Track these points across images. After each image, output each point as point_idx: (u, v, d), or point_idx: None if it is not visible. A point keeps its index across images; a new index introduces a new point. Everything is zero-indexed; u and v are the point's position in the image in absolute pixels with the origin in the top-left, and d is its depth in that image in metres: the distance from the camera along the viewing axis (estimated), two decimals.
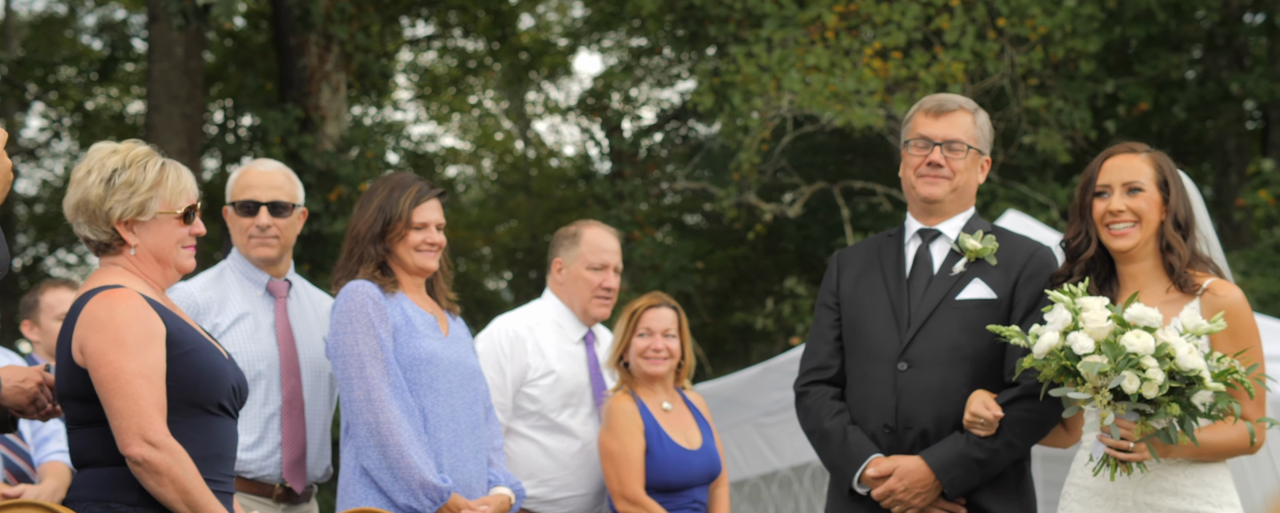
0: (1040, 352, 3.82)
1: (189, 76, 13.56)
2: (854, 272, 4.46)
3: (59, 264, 20.41)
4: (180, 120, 13.47)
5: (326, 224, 13.34)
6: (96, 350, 3.49)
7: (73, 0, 20.26)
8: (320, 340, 4.85)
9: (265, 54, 16.16)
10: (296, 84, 13.72)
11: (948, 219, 4.41)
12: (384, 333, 4.51)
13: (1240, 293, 4.06)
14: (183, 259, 3.69)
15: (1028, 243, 4.40)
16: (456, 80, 19.77)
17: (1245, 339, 3.97)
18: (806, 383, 4.44)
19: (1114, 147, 4.23)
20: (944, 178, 4.36)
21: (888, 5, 12.59)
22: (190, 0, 9.60)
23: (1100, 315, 3.77)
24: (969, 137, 4.37)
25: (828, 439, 4.33)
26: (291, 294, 4.87)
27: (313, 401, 4.78)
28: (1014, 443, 4.21)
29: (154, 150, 3.72)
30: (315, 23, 13.48)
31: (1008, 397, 4.21)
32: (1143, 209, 4.08)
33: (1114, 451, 3.86)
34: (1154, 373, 3.69)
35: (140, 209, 3.64)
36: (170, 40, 13.36)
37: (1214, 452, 3.95)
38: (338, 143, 13.72)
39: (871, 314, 4.35)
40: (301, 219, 4.89)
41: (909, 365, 4.26)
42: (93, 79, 18.19)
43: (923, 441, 4.24)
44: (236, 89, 16.86)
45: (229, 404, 3.65)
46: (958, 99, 4.44)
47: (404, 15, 17.56)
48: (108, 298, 3.55)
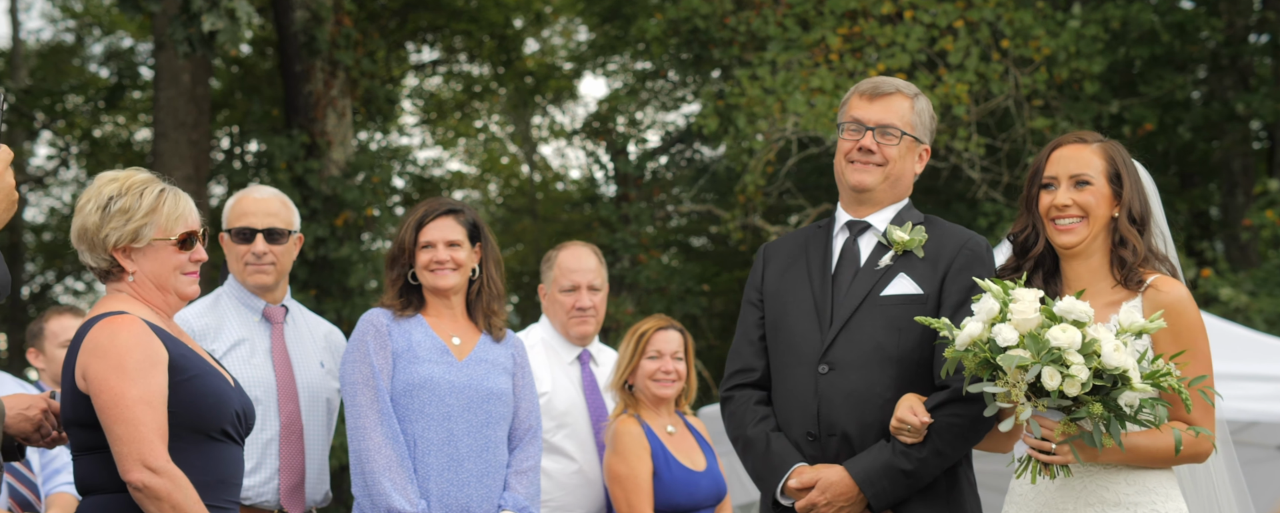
0: (962, 343, 3.58)
1: (195, 103, 13.61)
2: (779, 266, 4.18)
3: (67, 291, 20.46)
4: (187, 147, 13.51)
5: (333, 249, 13.36)
6: (98, 376, 3.50)
7: (80, 29, 20.37)
8: (317, 365, 4.85)
9: (271, 80, 16.22)
10: (302, 110, 13.77)
11: (879, 210, 4.12)
12: (379, 361, 4.55)
13: (1185, 290, 3.80)
14: (183, 286, 3.68)
15: (959, 233, 4.10)
16: (462, 105, 19.83)
17: (1189, 340, 3.72)
18: (731, 387, 4.17)
19: (1063, 136, 3.97)
20: (875, 165, 4.06)
21: (891, 27, 12.61)
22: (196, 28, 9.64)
23: (1030, 308, 3.55)
24: (905, 122, 4.08)
25: (751, 447, 4.06)
26: (288, 320, 4.87)
27: (310, 426, 4.78)
28: (944, 451, 3.92)
29: (155, 177, 3.72)
30: (321, 49, 13.53)
31: (937, 401, 3.92)
32: (1090, 204, 3.83)
33: (1036, 452, 3.64)
34: (1077, 370, 3.45)
35: (134, 236, 3.64)
36: (177, 68, 13.41)
37: (1146, 458, 3.70)
38: (344, 168, 13.75)
39: (794, 312, 4.07)
40: (297, 245, 4.90)
41: (830, 368, 3.98)
42: (100, 107, 18.27)
43: (846, 448, 3.96)
44: (243, 115, 16.92)
45: (233, 430, 3.64)
46: (896, 82, 4.15)
47: (409, 41, 17.63)
48: (110, 324, 3.55)
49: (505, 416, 4.68)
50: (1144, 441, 3.68)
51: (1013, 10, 12.67)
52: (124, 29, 19.13)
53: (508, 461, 4.67)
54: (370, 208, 13.83)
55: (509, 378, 4.71)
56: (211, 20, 9.48)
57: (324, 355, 4.89)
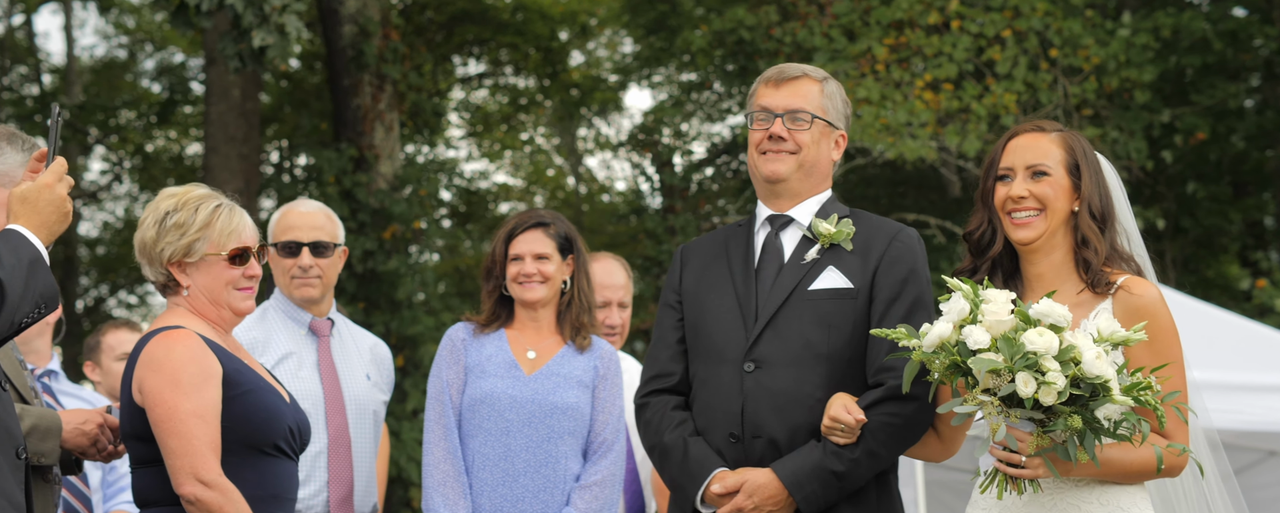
0: (930, 344, 3.33)
1: (245, 118, 13.76)
2: (698, 265, 3.96)
3: (120, 305, 20.71)
4: (237, 161, 13.65)
5: (381, 262, 13.44)
6: (153, 390, 3.54)
7: (133, 45, 20.65)
8: (363, 378, 4.88)
9: (320, 94, 16.36)
10: (351, 124, 13.88)
11: (800, 203, 3.90)
12: (449, 376, 4.66)
13: (1158, 291, 3.56)
14: (236, 301, 3.72)
15: (889, 226, 3.89)
16: (508, 117, 19.91)
17: (1164, 347, 3.48)
18: (646, 394, 3.93)
19: (1020, 124, 3.73)
20: (788, 153, 3.84)
21: (938, 37, 12.55)
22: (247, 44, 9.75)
23: (1003, 309, 3.31)
24: (815, 106, 3.86)
25: (668, 454, 3.80)
26: (334, 333, 4.90)
27: (358, 438, 4.81)
28: (877, 452, 3.68)
29: (213, 193, 3.77)
30: (369, 63, 13.64)
31: (871, 399, 3.68)
32: (1048, 196, 3.57)
33: (1004, 465, 3.37)
34: (1054, 377, 3.22)
35: (188, 251, 3.70)
36: (227, 83, 13.56)
37: (1121, 473, 3.47)
38: (391, 181, 13.84)
39: (715, 311, 3.85)
40: (342, 258, 4.93)
41: (756, 366, 3.75)
42: (152, 122, 18.51)
43: (772, 451, 3.72)
44: (292, 129, 17.08)
45: (286, 445, 3.68)
46: (803, 67, 3.94)
47: (456, 54, 17.73)
48: (166, 339, 3.60)
49: (572, 429, 4.66)
50: (1119, 454, 3.44)
51: (1061, 19, 12.58)
52: (175, 45, 19.37)
53: (578, 473, 4.67)
54: (418, 221, 13.91)
55: (585, 391, 4.69)
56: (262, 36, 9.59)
57: (370, 368, 4.92)
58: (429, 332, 13.17)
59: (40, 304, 2.95)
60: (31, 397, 3.92)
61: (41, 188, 3.01)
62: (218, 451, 3.52)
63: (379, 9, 13.76)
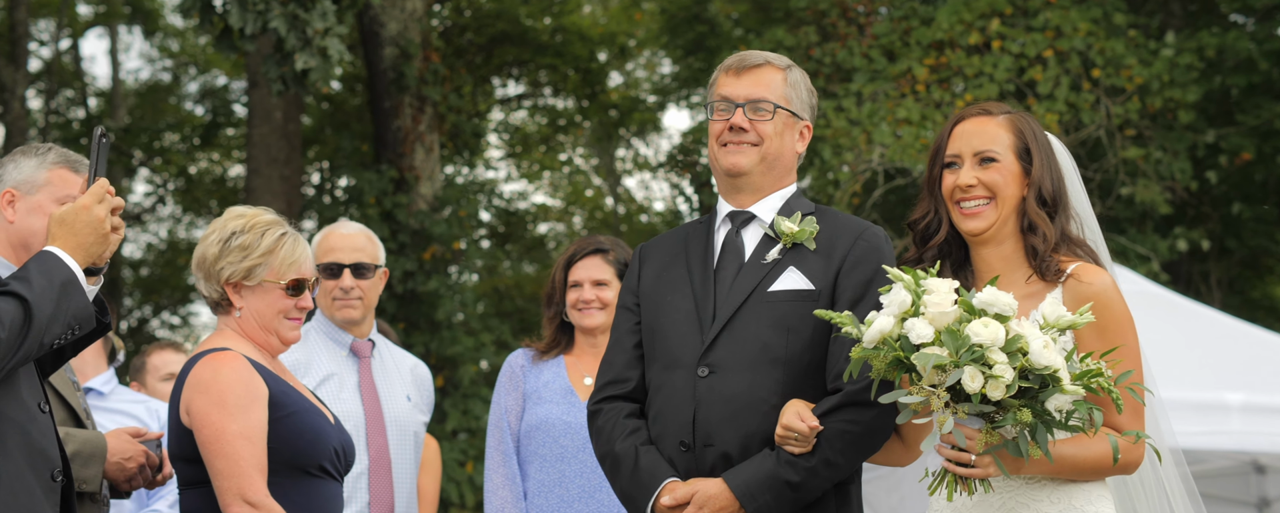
0: (870, 339, 3.17)
1: (287, 140, 13.87)
2: (657, 265, 3.77)
3: (163, 326, 20.88)
4: (279, 183, 13.76)
5: (421, 283, 13.49)
6: (200, 412, 3.58)
7: (177, 68, 20.88)
8: (404, 399, 4.91)
9: (361, 116, 16.48)
10: (391, 145, 13.96)
11: (762, 198, 3.70)
12: (508, 402, 4.73)
13: (1110, 278, 3.38)
14: (285, 330, 3.75)
15: (855, 224, 3.70)
16: (547, 138, 19.98)
17: (1117, 335, 3.30)
18: (599, 400, 3.73)
19: (967, 108, 3.55)
20: (749, 145, 3.65)
21: (979, 57, 12.49)
22: (289, 66, 9.83)
23: (946, 300, 3.12)
24: (778, 96, 3.67)
25: (619, 464, 3.62)
26: (375, 354, 4.93)
27: (399, 459, 4.82)
28: (835, 461, 3.50)
29: (280, 220, 3.82)
30: (409, 85, 13.72)
31: (827, 406, 3.50)
32: (997, 183, 3.40)
33: (953, 464, 3.20)
34: (1001, 370, 3.04)
35: (247, 274, 3.75)
36: (269, 105, 13.68)
37: (1074, 469, 3.29)
38: (431, 202, 13.90)
39: (672, 313, 3.66)
40: (383, 280, 4.97)
41: (710, 371, 3.57)
42: (195, 144, 18.70)
43: (725, 461, 3.54)
44: (333, 151, 17.20)
45: (331, 467, 3.70)
46: (765, 54, 3.74)
47: (495, 75, 17.81)
48: (213, 360, 3.64)
49: None
50: (1073, 450, 3.26)
51: (1104, 39, 12.50)
52: (219, 68, 19.57)
53: None
54: (457, 241, 13.96)
55: None
56: (304, 59, 9.67)
57: (411, 389, 4.94)
58: (468, 352, 13.20)
59: (72, 325, 2.97)
60: (86, 418, 3.96)
61: (79, 209, 3.03)
62: (264, 472, 3.55)
63: (420, 31, 13.85)
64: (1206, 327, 8.17)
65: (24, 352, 2.89)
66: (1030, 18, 12.71)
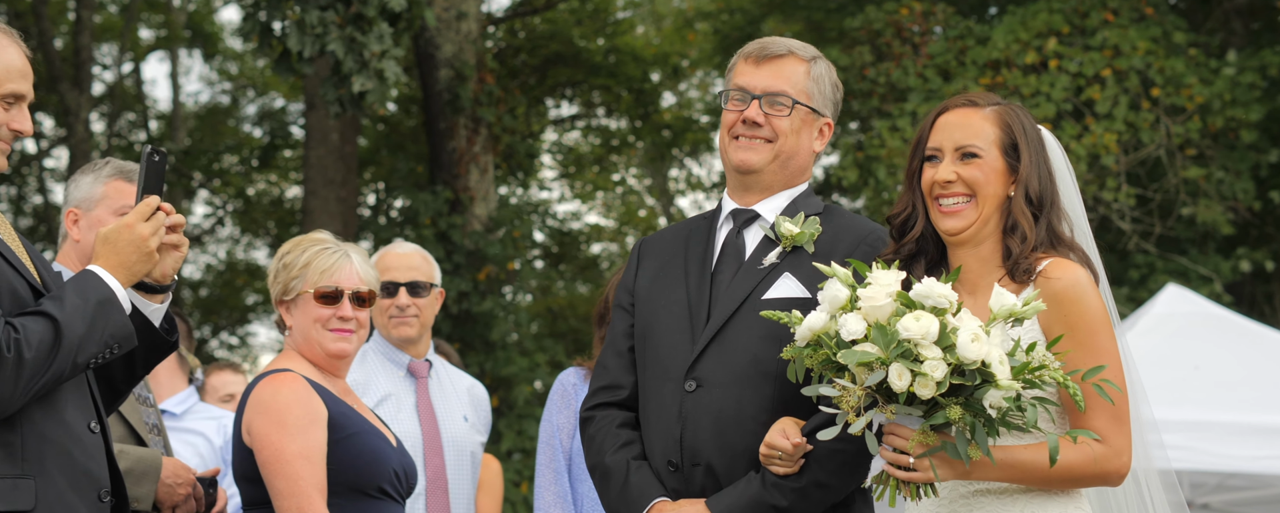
0: (803, 337, 2.96)
1: (344, 161, 14.00)
2: (655, 264, 3.52)
3: (222, 346, 21.11)
4: (335, 204, 13.88)
5: (475, 303, 13.54)
6: (260, 432, 3.61)
7: (235, 90, 21.16)
8: (461, 419, 4.92)
9: (416, 137, 16.60)
10: (446, 166, 14.05)
11: (769, 197, 3.45)
12: (561, 421, 4.73)
13: (1084, 273, 3.09)
14: (326, 340, 3.75)
15: (860, 226, 3.45)
16: (600, 158, 20.03)
17: (1087, 334, 3.02)
18: (592, 406, 3.52)
19: (952, 98, 3.30)
20: (763, 141, 3.40)
21: (1036, 77, 12.39)
22: (346, 88, 9.94)
23: (882, 293, 2.91)
24: (799, 90, 3.41)
25: (608, 478, 3.41)
26: (432, 374, 4.95)
27: (456, 479, 4.84)
28: (826, 483, 3.24)
29: (328, 238, 3.85)
30: (464, 106, 13.81)
31: (817, 422, 3.20)
32: (978, 180, 3.15)
33: (892, 467, 2.98)
34: (931, 366, 2.82)
35: (287, 289, 3.78)
36: (326, 127, 13.82)
37: (1033, 476, 3.00)
38: (486, 223, 13.97)
39: (665, 318, 3.42)
40: (439, 300, 4.99)
41: (697, 385, 3.33)
42: (253, 166, 18.91)
43: (712, 481, 3.32)
44: (388, 172, 17.34)
45: (392, 488, 3.70)
46: (789, 43, 3.47)
47: (549, 96, 17.90)
48: (273, 381, 3.67)
49: None
50: (1027, 456, 2.99)
51: (1163, 58, 12.36)
52: (276, 90, 19.81)
53: None
54: (511, 262, 14.01)
55: None
56: (361, 81, 9.76)
57: (468, 409, 4.95)
58: (522, 372, 13.23)
59: (111, 344, 2.95)
60: (147, 432, 4.00)
61: (122, 228, 3.01)
62: (324, 492, 3.56)
63: (475, 53, 13.94)
64: (1270, 349, 8.03)
65: (54, 372, 2.88)
66: (1088, 37, 12.60)
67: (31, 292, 3.01)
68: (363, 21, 9.80)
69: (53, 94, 15.83)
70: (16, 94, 3.03)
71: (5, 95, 3.02)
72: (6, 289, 2.94)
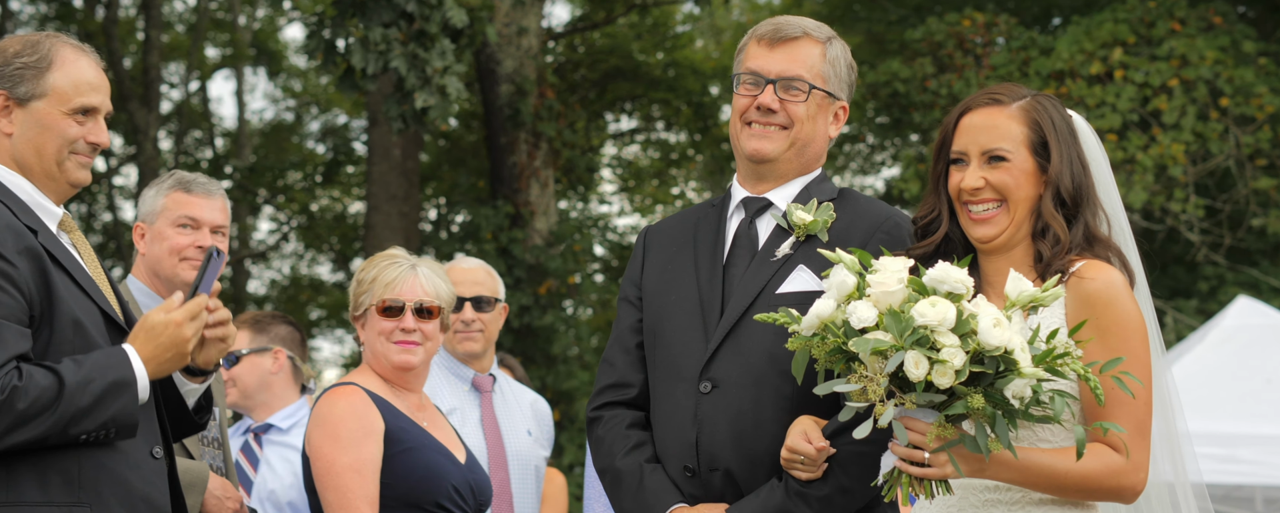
0: (809, 325, 2.79)
1: (406, 177, 14.12)
2: (662, 255, 3.34)
3: None
4: (397, 219, 14.00)
5: (537, 318, 13.59)
6: (315, 444, 3.66)
7: (299, 108, 21.42)
8: (525, 434, 4.93)
9: (477, 152, 16.71)
10: (507, 181, 14.12)
11: (783, 184, 3.29)
12: None
13: (1119, 276, 2.92)
14: (392, 353, 3.78)
15: (877, 211, 3.28)
16: (659, 172, 20.05)
17: (1119, 338, 2.84)
18: (599, 405, 3.34)
19: (975, 95, 3.10)
20: (778, 127, 3.24)
21: (1101, 87, 12.25)
22: (409, 105, 10.02)
23: (892, 279, 2.75)
24: (815, 74, 3.25)
25: (621, 482, 3.24)
26: (496, 389, 4.97)
27: (520, 493, 4.85)
28: (850, 488, 3.08)
29: (401, 255, 3.88)
30: (525, 121, 13.88)
31: (839, 424, 3.03)
32: (1007, 185, 2.97)
33: (905, 463, 2.79)
34: (949, 354, 2.66)
35: (357, 304, 3.84)
36: (388, 143, 13.95)
37: (1053, 483, 2.84)
38: (546, 237, 14.02)
39: (675, 314, 3.25)
40: (503, 315, 5.00)
41: (713, 386, 3.17)
42: (317, 182, 19.12)
43: (731, 487, 3.16)
44: (450, 187, 17.46)
45: (451, 505, 3.69)
46: (804, 23, 3.29)
47: (608, 111, 17.95)
48: (332, 394, 3.71)
49: None
50: (1050, 459, 2.83)
51: (1232, 68, 12.17)
52: (340, 107, 20.03)
53: None
54: (572, 276, 14.05)
55: None
56: (424, 97, 9.84)
57: (531, 424, 4.96)
58: (583, 386, 13.24)
59: (109, 427, 2.91)
60: (199, 443, 4.06)
61: (169, 324, 2.99)
62: (375, 505, 3.58)
63: (535, 68, 14.02)
64: None
65: (38, 434, 2.84)
66: (1154, 47, 12.44)
67: (105, 320, 3.03)
68: (425, 38, 9.88)
69: (122, 113, 16.11)
70: (89, 107, 3.07)
71: (78, 109, 3.06)
72: (68, 319, 2.95)
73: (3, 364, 2.84)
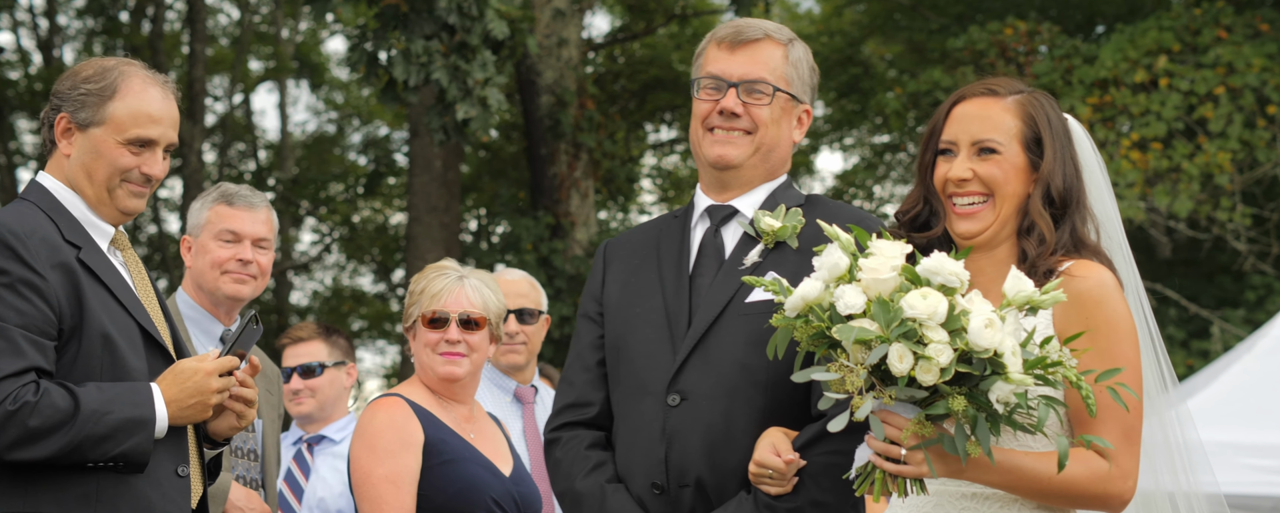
0: (793, 307, 2.67)
1: (447, 188, 14.18)
2: (624, 268, 3.24)
3: None
4: (438, 230, 14.06)
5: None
6: (354, 455, 3.68)
7: (341, 120, 21.57)
8: None
9: (517, 163, 16.76)
10: (547, 192, 14.15)
11: (748, 191, 3.20)
12: None
13: (1110, 276, 2.82)
14: (437, 365, 3.79)
15: (848, 214, 3.19)
16: None
17: (1110, 340, 2.74)
18: (557, 426, 3.23)
19: (971, 85, 3.00)
20: (742, 132, 3.16)
21: (1145, 95, 12.14)
22: (451, 117, 10.07)
23: (886, 264, 2.62)
24: (778, 76, 3.16)
25: (581, 505, 3.13)
26: (537, 400, 4.97)
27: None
28: (823, 501, 2.99)
29: (453, 265, 3.90)
30: (565, 132, 13.92)
31: (810, 435, 2.98)
32: (996, 179, 2.87)
33: (881, 459, 2.68)
34: (936, 350, 2.54)
35: (406, 316, 3.86)
36: (430, 154, 14.02)
37: (1034, 488, 2.72)
38: (587, 247, 14.04)
39: (640, 326, 3.14)
40: (546, 326, 5.01)
41: (682, 398, 3.06)
42: (358, 193, 19.24)
43: (702, 502, 3.04)
44: (490, 198, 17.52)
45: None
46: (764, 24, 3.20)
47: (648, 121, 17.97)
48: (374, 406, 3.74)
49: None
50: (1027, 463, 2.71)
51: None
52: (381, 118, 20.15)
53: None
54: None
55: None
56: (465, 109, 9.88)
57: None
58: None
59: (118, 459, 2.93)
60: (230, 454, 4.08)
61: (198, 371, 3.02)
62: None
63: (575, 79, 14.06)
64: None
65: (42, 454, 2.85)
66: (1200, 54, 12.32)
67: (145, 337, 3.04)
68: (466, 50, 9.93)
69: None
70: (146, 139, 3.10)
71: (133, 139, 3.09)
72: (97, 334, 2.97)
73: (19, 373, 2.86)
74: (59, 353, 2.95)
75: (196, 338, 4.12)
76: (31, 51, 19.20)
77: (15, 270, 2.90)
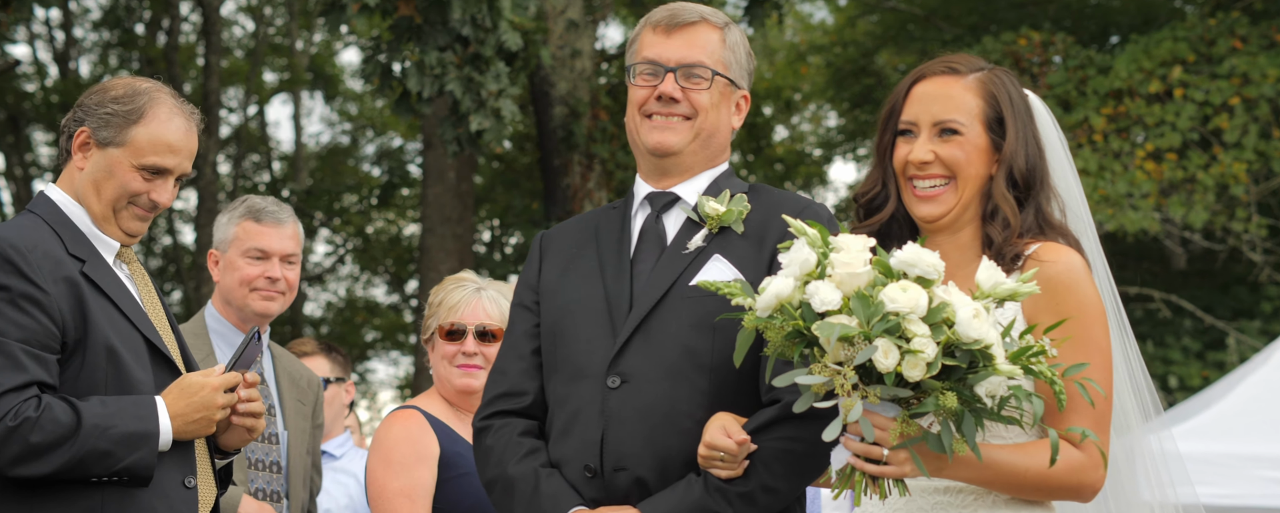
0: (765, 306, 2.59)
1: (460, 199, 14.20)
2: (561, 257, 3.17)
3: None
4: (452, 241, 14.08)
5: None
6: (370, 467, 3.69)
7: (355, 131, 21.63)
8: None
9: (530, 174, 16.78)
10: (560, 202, 14.16)
11: (689, 178, 3.13)
12: None
13: (1079, 260, 2.77)
14: (454, 377, 3.79)
15: (795, 202, 3.12)
16: None
17: (1080, 325, 2.68)
18: (488, 415, 3.12)
19: (930, 63, 2.92)
20: (681, 118, 3.09)
21: (1160, 106, 12.11)
22: (464, 128, 10.08)
23: (858, 259, 2.56)
24: (716, 60, 3.10)
25: (513, 490, 3.01)
26: None
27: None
28: (774, 487, 2.91)
29: (472, 276, 3.90)
30: (578, 143, 13.93)
31: (763, 420, 2.91)
32: (959, 161, 2.80)
33: (861, 459, 2.59)
34: (922, 343, 2.47)
35: (425, 328, 3.87)
36: (443, 165, 14.04)
37: (1013, 482, 2.67)
38: None
39: (578, 311, 3.06)
40: None
41: (622, 380, 2.98)
42: (372, 204, 19.29)
43: (639, 488, 2.96)
44: (504, 209, 17.54)
45: None
46: (700, 8, 3.14)
47: None
48: (390, 419, 3.74)
49: None
50: (1013, 457, 2.66)
51: None
52: (395, 130, 20.20)
53: None
54: None
55: None
56: (479, 120, 9.89)
57: None
58: None
59: (121, 474, 2.93)
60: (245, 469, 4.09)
61: (204, 386, 3.02)
62: None
63: (588, 90, 14.08)
64: None
65: (42, 470, 2.84)
66: (1215, 64, 12.29)
67: (150, 350, 3.04)
68: (480, 62, 9.95)
69: None
70: (161, 168, 3.10)
71: (148, 167, 3.10)
72: (102, 346, 2.97)
73: (20, 388, 2.86)
74: (63, 366, 2.94)
75: (223, 352, 4.12)
76: (48, 64, 19.30)
77: (16, 285, 2.91)
